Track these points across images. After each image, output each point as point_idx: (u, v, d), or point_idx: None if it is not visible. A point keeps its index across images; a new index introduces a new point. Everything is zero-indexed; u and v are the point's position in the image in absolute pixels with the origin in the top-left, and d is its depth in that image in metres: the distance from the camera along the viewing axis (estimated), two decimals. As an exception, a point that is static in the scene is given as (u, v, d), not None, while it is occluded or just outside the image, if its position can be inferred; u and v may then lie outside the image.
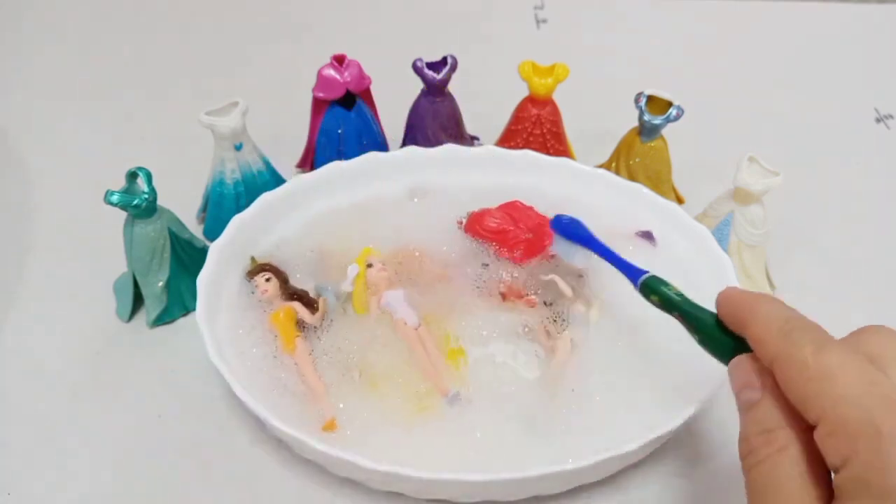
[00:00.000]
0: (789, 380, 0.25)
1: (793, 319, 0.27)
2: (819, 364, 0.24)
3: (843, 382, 0.23)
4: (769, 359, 0.26)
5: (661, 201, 0.46)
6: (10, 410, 0.41)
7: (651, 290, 0.34)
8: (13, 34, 0.73)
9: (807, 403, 0.24)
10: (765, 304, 0.28)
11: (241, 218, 0.44)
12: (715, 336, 0.30)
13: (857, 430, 0.22)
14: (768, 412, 0.26)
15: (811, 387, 0.24)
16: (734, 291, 0.30)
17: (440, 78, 0.50)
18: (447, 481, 0.33)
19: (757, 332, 0.27)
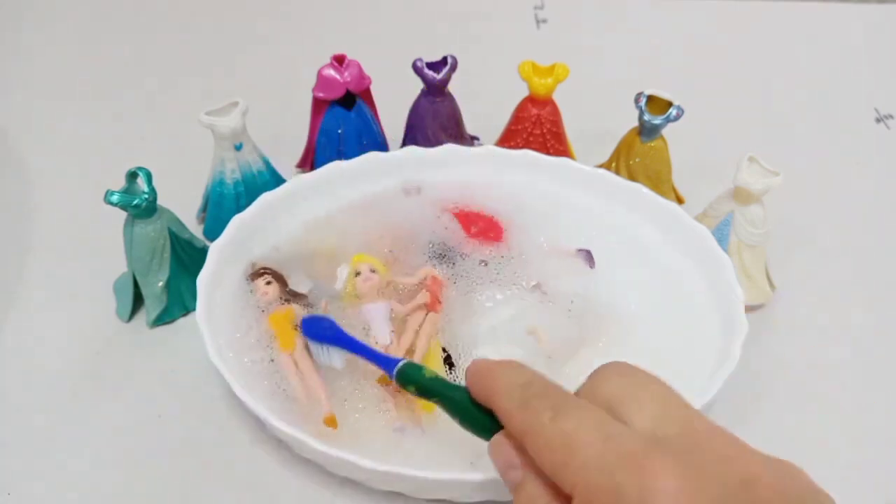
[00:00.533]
0: (536, 453, 0.25)
1: (531, 385, 0.26)
2: (558, 432, 0.24)
3: (582, 446, 0.23)
4: (517, 434, 0.26)
5: (661, 201, 0.46)
6: (10, 410, 0.41)
7: (406, 379, 0.33)
8: (13, 34, 0.73)
9: (558, 475, 0.24)
10: (504, 374, 0.27)
11: (241, 218, 0.44)
12: (472, 414, 0.29)
13: (604, 498, 0.22)
14: (533, 489, 0.25)
15: (556, 457, 0.24)
16: (480, 363, 0.29)
17: (440, 78, 0.50)
18: (447, 481, 0.33)
19: (500, 406, 0.27)
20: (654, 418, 0.24)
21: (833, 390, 0.43)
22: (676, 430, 0.24)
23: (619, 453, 0.23)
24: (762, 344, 0.44)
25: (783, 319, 0.46)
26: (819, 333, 0.46)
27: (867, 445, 0.40)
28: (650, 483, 0.22)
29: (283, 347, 0.39)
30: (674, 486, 0.21)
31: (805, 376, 0.43)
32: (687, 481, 0.22)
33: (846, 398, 0.42)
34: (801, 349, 0.45)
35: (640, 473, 0.22)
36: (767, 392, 0.42)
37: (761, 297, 0.46)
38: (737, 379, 0.36)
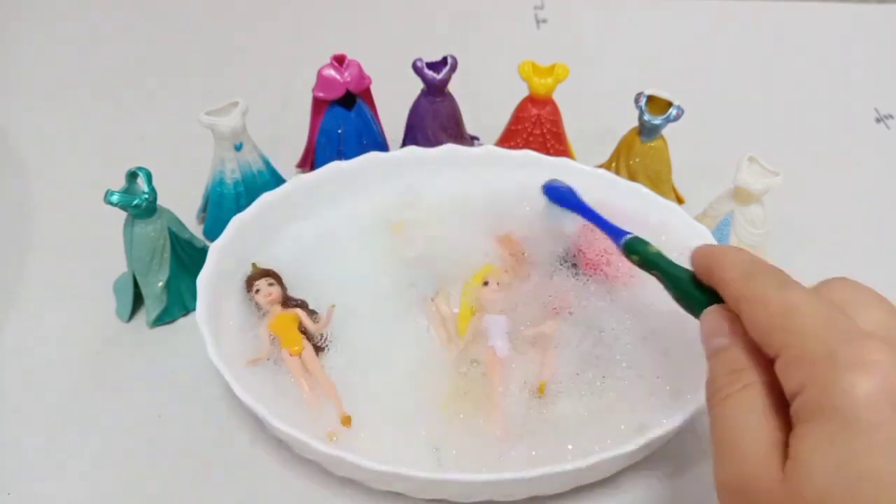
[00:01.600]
0: (753, 317, 0.26)
1: (758, 263, 0.28)
2: (781, 300, 0.25)
3: (804, 316, 0.24)
4: (735, 299, 0.27)
5: (661, 201, 0.46)
6: (10, 410, 0.41)
7: (632, 249, 0.36)
8: (13, 34, 0.73)
9: (769, 338, 0.25)
10: (732, 252, 0.29)
11: (241, 218, 0.44)
12: (689, 291, 0.31)
13: (813, 358, 0.23)
14: (735, 354, 0.27)
15: (773, 322, 0.25)
16: (707, 246, 0.31)
17: (440, 78, 0.50)
18: (447, 481, 0.33)
19: (723, 276, 0.28)
20: (879, 324, 0.25)
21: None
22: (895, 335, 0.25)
23: (839, 329, 0.24)
24: (762, 344, 0.44)
25: (783, 319, 0.46)
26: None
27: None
28: (866, 355, 0.22)
29: (292, 350, 0.39)
30: (888, 361, 0.22)
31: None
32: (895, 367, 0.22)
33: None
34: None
35: (857, 347, 0.23)
36: None
37: (761, 297, 0.46)
38: (737, 379, 0.36)
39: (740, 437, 0.25)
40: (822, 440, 0.22)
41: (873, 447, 0.21)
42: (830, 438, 0.22)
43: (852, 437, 0.22)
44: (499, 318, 0.41)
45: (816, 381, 0.23)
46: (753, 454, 0.24)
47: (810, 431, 0.23)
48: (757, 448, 0.24)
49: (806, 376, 0.23)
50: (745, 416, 0.25)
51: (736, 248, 0.30)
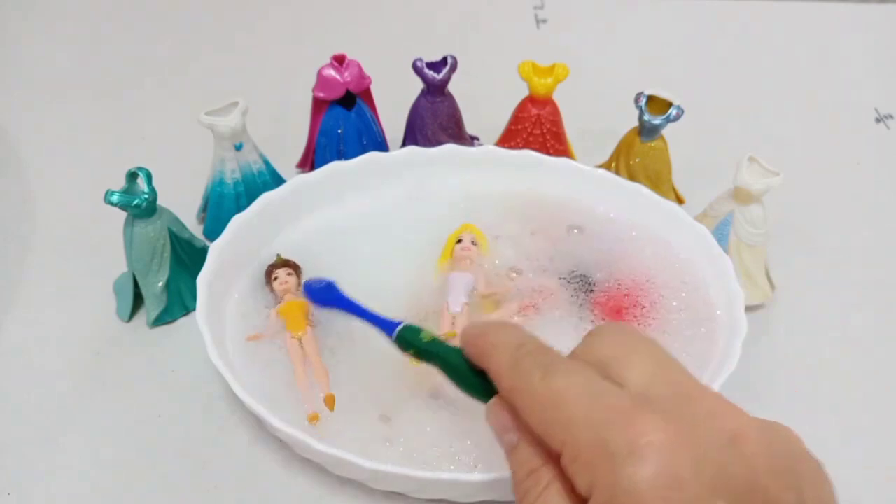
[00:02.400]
0: (526, 412, 0.25)
1: (524, 346, 0.26)
2: (546, 390, 0.24)
3: (571, 403, 0.23)
4: (507, 392, 0.26)
5: (661, 201, 0.46)
6: (10, 410, 0.41)
7: (405, 342, 0.33)
8: (13, 34, 0.73)
9: (547, 434, 0.24)
10: (499, 334, 0.27)
11: (241, 218, 0.44)
12: (468, 379, 0.29)
13: (592, 454, 0.22)
14: (527, 452, 0.25)
15: (545, 415, 0.24)
16: (475, 325, 0.29)
17: (440, 78, 0.50)
18: (447, 481, 0.33)
19: (492, 367, 0.27)
20: (646, 378, 0.24)
21: (833, 390, 0.43)
22: (668, 390, 0.24)
23: (607, 409, 0.23)
24: (762, 344, 0.44)
25: (783, 319, 0.46)
26: (819, 333, 0.46)
27: (867, 445, 0.40)
28: (637, 438, 0.21)
29: (294, 331, 0.40)
30: (660, 440, 0.21)
31: (805, 376, 0.43)
32: (674, 435, 0.22)
33: (846, 398, 0.42)
34: (801, 349, 0.45)
35: (628, 428, 0.22)
36: (767, 392, 0.42)
37: (761, 297, 0.46)
38: (737, 379, 0.36)
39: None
40: None
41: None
42: None
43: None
44: (463, 275, 0.42)
45: (601, 482, 0.22)
46: None
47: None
48: None
49: (590, 477, 0.22)
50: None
51: (502, 326, 0.28)
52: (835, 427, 0.41)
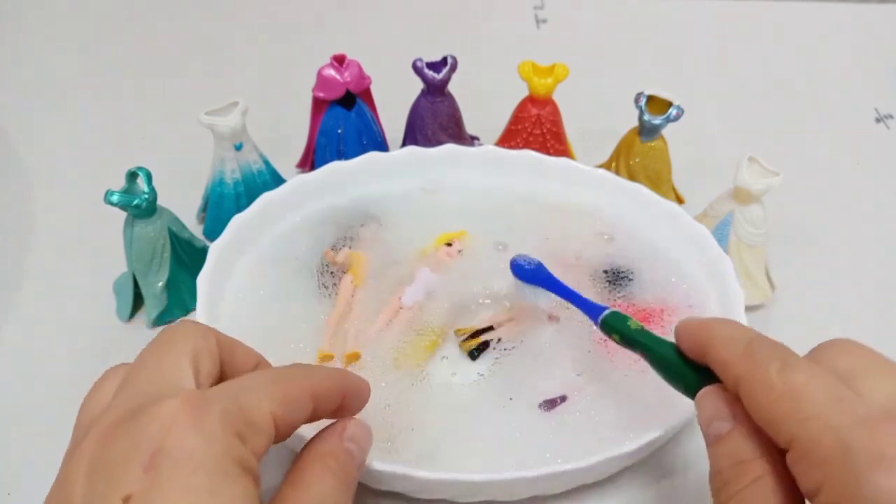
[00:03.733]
0: (756, 402, 0.24)
1: (755, 339, 0.26)
2: (785, 383, 0.23)
3: (811, 401, 0.23)
4: (734, 381, 0.25)
5: (661, 201, 0.46)
6: (10, 410, 0.41)
7: (611, 328, 0.33)
8: (13, 34, 0.73)
9: (775, 426, 0.23)
10: (725, 327, 0.27)
11: (241, 218, 0.44)
12: (678, 369, 0.29)
13: (828, 454, 0.22)
14: (740, 442, 0.25)
15: (779, 408, 0.23)
16: (692, 319, 0.29)
17: (440, 78, 0.50)
18: (447, 481, 0.33)
19: (719, 355, 0.26)
20: (888, 394, 0.23)
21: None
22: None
23: (851, 413, 0.22)
24: (762, 344, 0.44)
25: (783, 319, 0.46)
26: (819, 333, 0.45)
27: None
28: (886, 447, 0.21)
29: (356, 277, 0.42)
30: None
31: (805, 376, 0.43)
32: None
33: (846, 398, 0.42)
34: (801, 349, 0.45)
35: (875, 436, 0.21)
36: None
37: (761, 297, 0.46)
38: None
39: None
40: None
41: None
42: None
43: None
44: (433, 275, 0.42)
45: (834, 482, 0.21)
46: None
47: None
48: None
49: (822, 476, 0.22)
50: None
51: (727, 322, 0.28)
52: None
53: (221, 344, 0.28)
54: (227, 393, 0.25)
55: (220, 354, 0.28)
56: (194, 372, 0.26)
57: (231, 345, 0.29)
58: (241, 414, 0.24)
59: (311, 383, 0.27)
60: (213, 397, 0.24)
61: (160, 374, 0.26)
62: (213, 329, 0.28)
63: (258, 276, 0.43)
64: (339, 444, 0.29)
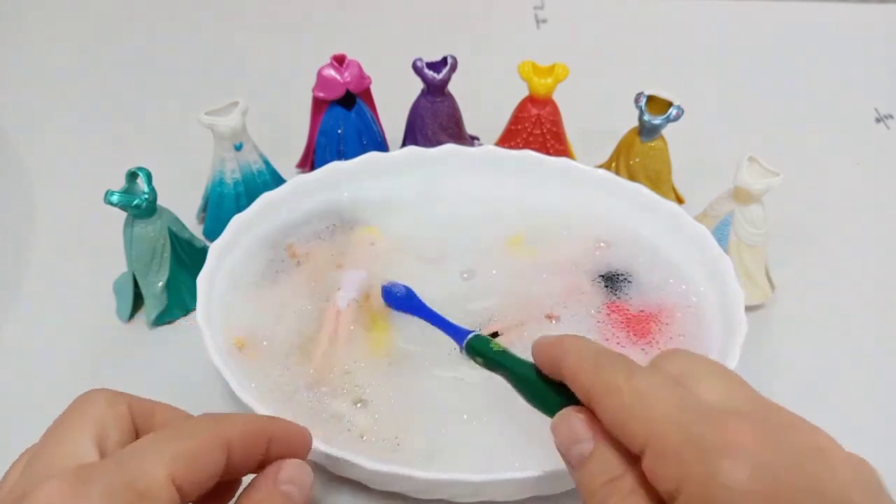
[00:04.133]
0: (607, 408, 0.25)
1: (602, 352, 0.27)
2: (631, 388, 0.24)
3: (657, 402, 0.24)
4: (586, 391, 0.26)
5: (661, 201, 0.46)
6: (10, 410, 0.41)
7: (475, 351, 0.34)
8: (13, 34, 0.73)
9: (628, 431, 0.24)
10: (574, 342, 0.28)
11: (241, 218, 0.44)
12: (539, 390, 0.29)
13: (680, 449, 0.22)
14: (607, 458, 0.25)
15: (629, 412, 0.24)
16: (545, 337, 0.29)
17: (440, 78, 0.50)
18: (447, 481, 0.33)
19: (570, 367, 0.27)
20: (722, 394, 0.24)
21: (833, 390, 0.43)
22: (746, 405, 0.24)
23: (695, 410, 0.23)
24: (762, 344, 0.44)
25: (783, 319, 0.46)
26: (819, 333, 0.46)
27: (867, 445, 0.40)
28: (731, 436, 0.22)
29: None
30: (752, 443, 0.22)
31: (805, 376, 0.43)
32: (764, 441, 0.22)
33: (846, 398, 0.42)
34: (801, 349, 0.45)
35: (719, 428, 0.22)
36: (767, 392, 0.41)
37: (761, 297, 0.46)
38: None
39: None
40: None
41: None
42: None
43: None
44: (357, 273, 0.43)
45: (692, 477, 0.22)
46: None
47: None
48: None
49: (678, 473, 0.22)
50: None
51: (577, 338, 0.29)
52: (835, 427, 0.40)
53: (135, 409, 0.28)
54: (115, 464, 0.24)
55: (133, 420, 0.27)
56: (99, 444, 0.25)
57: (148, 408, 0.28)
58: (130, 486, 0.23)
59: (221, 433, 0.26)
60: (96, 473, 0.23)
61: (56, 451, 0.25)
62: (125, 394, 0.28)
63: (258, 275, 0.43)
64: (274, 488, 0.28)
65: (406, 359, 0.39)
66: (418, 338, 0.40)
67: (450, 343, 0.39)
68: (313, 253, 0.44)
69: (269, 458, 0.28)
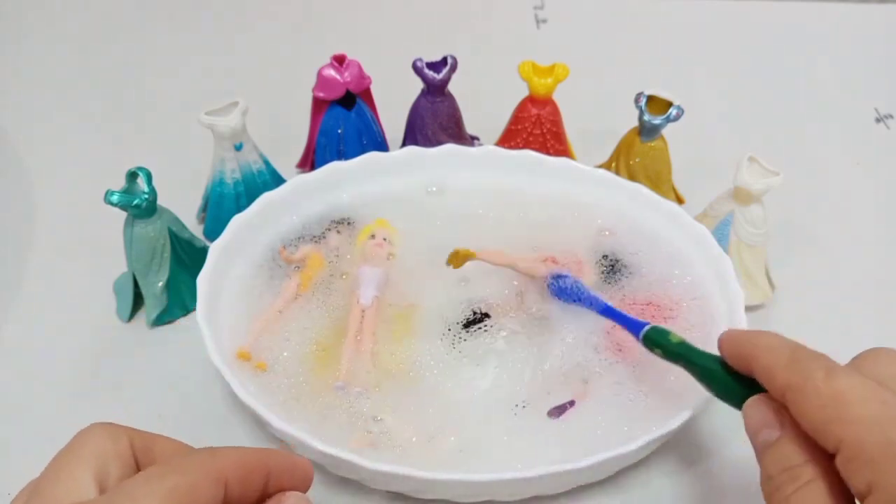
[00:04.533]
0: (803, 408, 0.25)
1: (799, 349, 0.27)
2: (831, 389, 0.24)
3: (857, 404, 0.24)
4: (780, 390, 0.26)
5: (661, 201, 0.46)
6: (10, 410, 0.41)
7: (653, 342, 0.34)
8: (13, 34, 0.73)
9: (823, 431, 0.24)
10: (768, 338, 0.28)
11: (241, 218, 0.44)
12: (725, 382, 0.30)
13: (878, 453, 0.22)
14: (789, 448, 0.26)
15: (826, 413, 0.24)
16: (735, 331, 0.30)
17: (440, 78, 0.50)
18: (447, 481, 0.33)
19: (765, 365, 0.27)
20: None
21: (833, 390, 0.43)
22: None
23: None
24: (762, 344, 0.44)
25: (783, 319, 0.46)
26: (819, 333, 0.45)
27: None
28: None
29: (303, 285, 0.42)
30: None
31: (805, 376, 0.43)
32: None
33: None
34: (801, 349, 0.45)
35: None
36: None
37: (761, 297, 0.46)
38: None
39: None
40: None
41: None
42: None
43: None
44: (374, 270, 0.43)
45: (884, 481, 0.22)
46: None
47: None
48: None
49: (872, 475, 0.22)
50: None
51: (768, 333, 0.29)
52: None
53: (136, 442, 0.27)
54: (109, 502, 0.24)
55: (134, 454, 0.27)
56: (99, 480, 0.25)
57: (149, 441, 0.28)
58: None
59: (216, 468, 0.26)
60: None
61: (56, 489, 0.25)
62: (126, 428, 0.28)
63: (258, 275, 0.43)
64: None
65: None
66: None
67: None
68: (313, 253, 0.44)
69: (269, 491, 0.28)
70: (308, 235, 0.45)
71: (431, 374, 0.39)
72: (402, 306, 0.42)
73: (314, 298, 0.42)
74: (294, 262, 0.44)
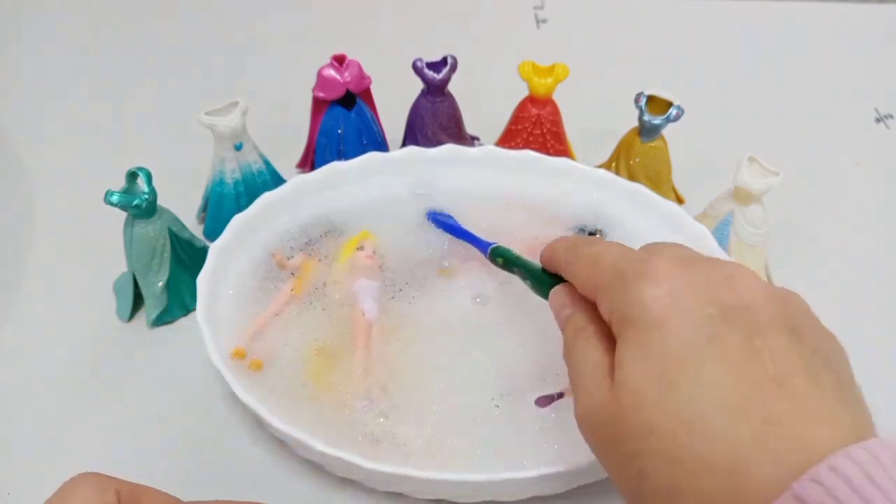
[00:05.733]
0: (576, 274, 0.31)
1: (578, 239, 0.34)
2: (590, 253, 0.31)
3: (605, 257, 0.30)
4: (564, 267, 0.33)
5: (661, 201, 0.46)
6: (10, 410, 0.41)
7: (497, 254, 0.40)
8: (13, 34, 0.73)
9: (589, 285, 0.30)
10: (563, 238, 0.35)
11: (241, 218, 0.44)
12: (541, 278, 0.36)
13: (612, 282, 0.28)
14: (578, 316, 0.31)
15: (588, 270, 0.30)
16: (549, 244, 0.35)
17: (440, 78, 0.50)
18: (447, 481, 0.33)
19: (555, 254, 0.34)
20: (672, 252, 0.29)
21: (833, 390, 0.43)
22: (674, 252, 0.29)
23: (630, 258, 0.29)
24: (762, 344, 0.44)
25: (783, 319, 0.46)
26: (819, 333, 0.46)
27: (867, 445, 0.40)
28: (646, 268, 0.27)
29: (297, 289, 0.43)
30: (664, 269, 0.27)
31: (805, 376, 0.43)
32: (677, 269, 0.27)
33: (846, 398, 0.42)
34: (801, 349, 0.45)
35: (641, 265, 0.27)
36: None
37: (761, 297, 0.46)
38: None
39: (584, 373, 0.28)
40: (631, 344, 0.26)
41: (666, 336, 0.25)
42: (636, 340, 0.26)
43: (648, 333, 0.25)
44: (370, 283, 0.43)
45: (617, 302, 0.27)
46: (593, 382, 0.27)
47: (622, 342, 0.26)
48: (595, 375, 0.27)
49: (610, 300, 0.28)
50: (586, 355, 0.28)
51: (567, 236, 0.36)
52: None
53: (123, 494, 0.28)
54: None
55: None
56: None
57: (136, 493, 0.28)
58: None
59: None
60: None
61: None
62: (114, 479, 0.28)
63: (259, 275, 0.43)
64: None
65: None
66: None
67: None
68: (312, 254, 0.44)
69: None
70: (305, 238, 0.45)
71: (436, 377, 0.39)
72: (403, 312, 0.42)
73: (311, 301, 0.42)
74: (287, 269, 0.44)
